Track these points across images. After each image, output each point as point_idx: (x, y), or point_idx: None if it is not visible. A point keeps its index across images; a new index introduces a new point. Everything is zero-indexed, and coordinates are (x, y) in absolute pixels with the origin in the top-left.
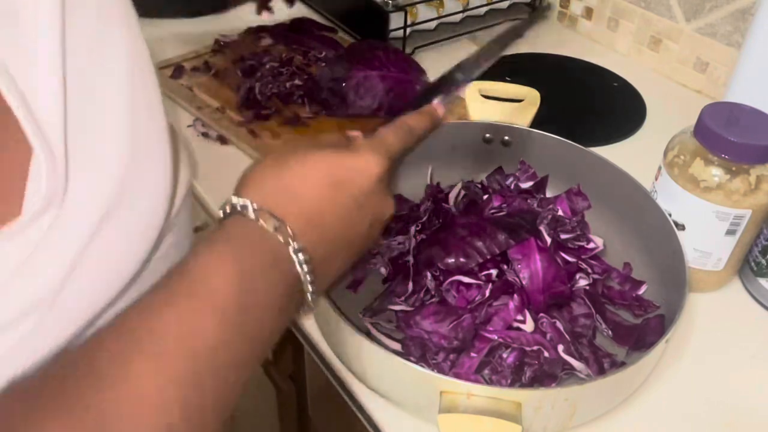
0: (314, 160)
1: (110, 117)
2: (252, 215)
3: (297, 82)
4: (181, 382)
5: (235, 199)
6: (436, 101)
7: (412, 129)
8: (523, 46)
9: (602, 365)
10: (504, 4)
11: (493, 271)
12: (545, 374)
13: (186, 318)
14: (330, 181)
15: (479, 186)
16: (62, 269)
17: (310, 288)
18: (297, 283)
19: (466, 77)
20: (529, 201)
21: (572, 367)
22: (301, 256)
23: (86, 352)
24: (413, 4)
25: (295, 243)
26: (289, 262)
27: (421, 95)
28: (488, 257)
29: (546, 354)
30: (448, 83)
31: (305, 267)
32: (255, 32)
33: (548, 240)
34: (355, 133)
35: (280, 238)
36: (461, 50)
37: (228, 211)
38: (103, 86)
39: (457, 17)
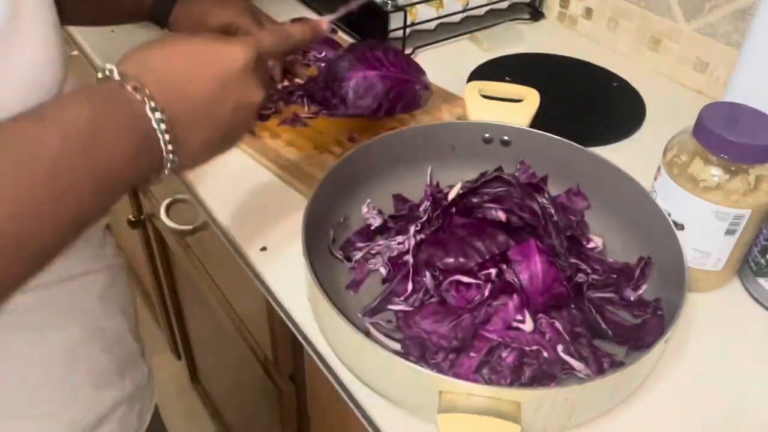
0: (186, 42)
1: None
2: (116, 77)
3: (297, 81)
4: (11, 185)
5: (105, 65)
6: (324, 18)
7: (289, 35)
8: (523, 46)
9: (602, 365)
10: (504, 4)
11: (493, 271)
12: (545, 374)
13: (29, 130)
14: (196, 60)
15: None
16: None
17: (169, 149)
18: (154, 141)
19: None
20: (538, 198)
21: (572, 367)
22: (158, 114)
23: None
24: (413, 4)
25: (152, 102)
26: (146, 119)
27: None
28: (487, 257)
29: (545, 354)
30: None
31: (162, 126)
32: None
33: (556, 243)
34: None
35: (138, 96)
36: (461, 50)
37: (99, 77)
38: None
39: (457, 17)
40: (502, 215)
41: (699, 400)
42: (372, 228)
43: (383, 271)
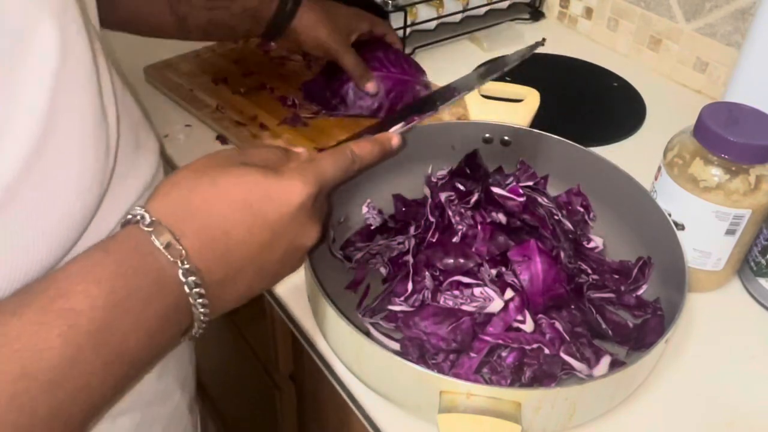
0: (232, 178)
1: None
2: (146, 227)
3: None
4: (6, 401)
5: (136, 209)
6: (393, 129)
7: (356, 157)
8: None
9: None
10: (504, 4)
11: (493, 272)
12: (545, 374)
13: (28, 332)
14: (244, 203)
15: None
16: None
17: (201, 310)
18: (184, 305)
19: (440, 104)
20: (538, 199)
21: (572, 367)
22: (191, 279)
23: None
24: (413, 4)
25: (186, 264)
26: (177, 284)
27: (391, 118)
28: (487, 258)
29: (546, 351)
30: (420, 108)
31: (195, 290)
32: None
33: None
34: (299, 150)
35: (169, 257)
36: (461, 50)
37: (126, 220)
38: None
39: (457, 17)
40: (502, 217)
41: (699, 400)
42: (372, 228)
43: (383, 271)
